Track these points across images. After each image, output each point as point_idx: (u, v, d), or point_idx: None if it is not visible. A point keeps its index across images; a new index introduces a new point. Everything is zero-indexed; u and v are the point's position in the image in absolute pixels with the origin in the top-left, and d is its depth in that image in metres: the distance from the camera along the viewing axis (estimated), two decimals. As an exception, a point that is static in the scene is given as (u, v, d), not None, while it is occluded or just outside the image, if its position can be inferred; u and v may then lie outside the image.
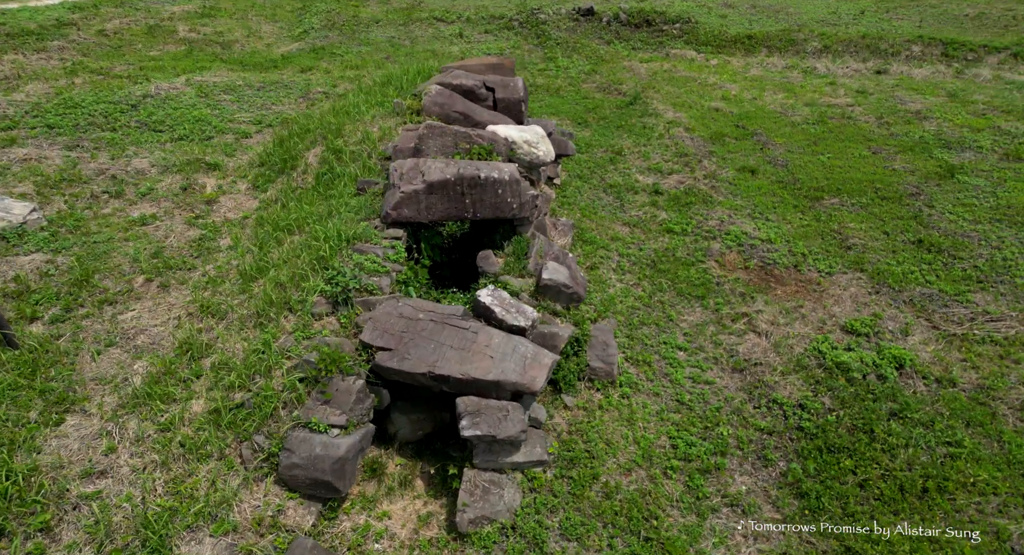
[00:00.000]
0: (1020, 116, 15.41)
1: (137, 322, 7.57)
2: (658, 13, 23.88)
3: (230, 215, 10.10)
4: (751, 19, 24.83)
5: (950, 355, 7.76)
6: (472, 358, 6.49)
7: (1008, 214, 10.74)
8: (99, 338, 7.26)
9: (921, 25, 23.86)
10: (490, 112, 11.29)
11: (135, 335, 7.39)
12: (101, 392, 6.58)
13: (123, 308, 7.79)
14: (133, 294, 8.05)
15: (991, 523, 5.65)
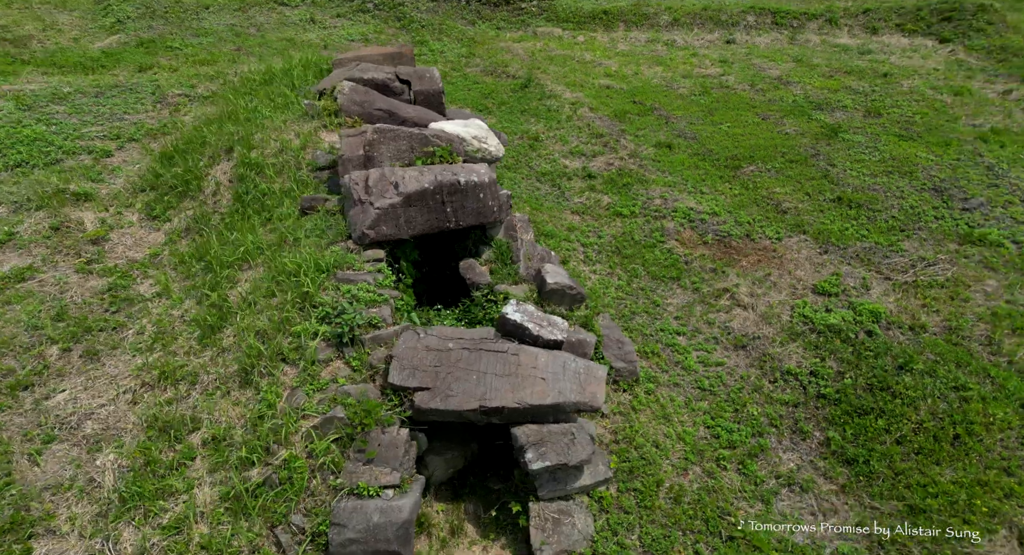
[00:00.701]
0: (860, 76, 17.35)
1: (74, 405, 6.00)
2: (514, -10, 23.63)
3: (133, 255, 8.37)
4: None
5: (910, 303, 8.51)
6: (523, 383, 5.91)
7: (895, 166, 12.02)
8: (30, 435, 5.65)
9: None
10: (413, 107, 10.39)
11: (79, 422, 5.86)
12: (66, 502, 5.13)
13: (46, 391, 6.14)
14: (52, 371, 6.36)
15: (1021, 456, 6.29)
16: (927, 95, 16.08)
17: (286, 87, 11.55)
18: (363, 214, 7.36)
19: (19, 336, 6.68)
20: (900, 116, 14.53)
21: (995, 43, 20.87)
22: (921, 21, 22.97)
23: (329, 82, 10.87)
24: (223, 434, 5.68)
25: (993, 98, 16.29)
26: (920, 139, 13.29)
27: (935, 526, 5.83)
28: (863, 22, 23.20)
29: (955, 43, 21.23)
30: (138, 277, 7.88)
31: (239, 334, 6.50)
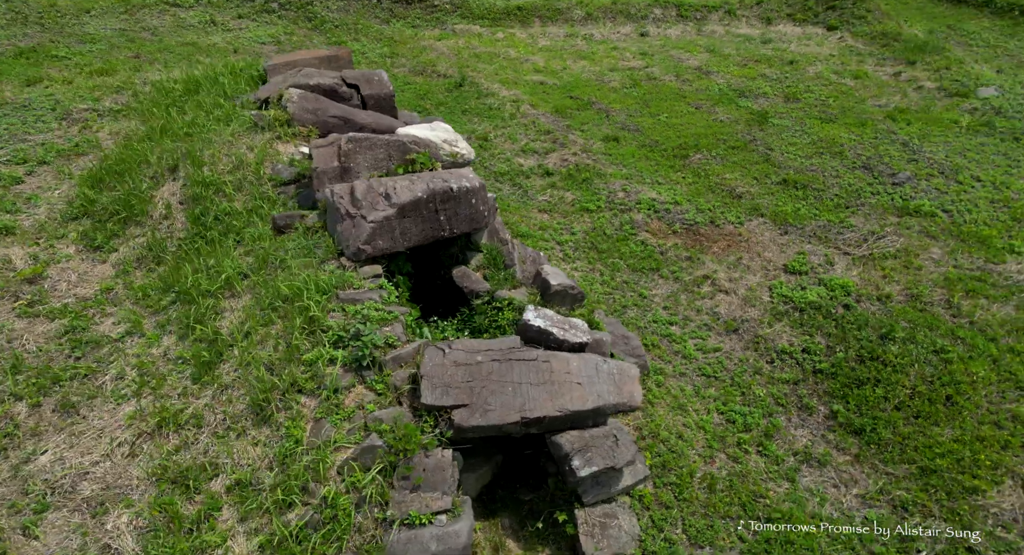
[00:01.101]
0: (769, 63, 18.39)
1: (62, 467, 5.30)
2: (425, -12, 23.18)
3: (80, 292, 7.47)
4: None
5: (872, 275, 9.11)
6: (560, 390, 5.79)
7: (824, 147, 12.83)
8: (18, 506, 4.93)
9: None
10: (367, 113, 9.94)
11: (73, 485, 5.18)
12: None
13: (23, 454, 5.37)
14: (25, 431, 5.57)
15: (1007, 409, 6.87)
16: (832, 80, 17.28)
17: (218, 96, 10.70)
18: (355, 228, 6.93)
19: (-30, 397, 5.79)
20: (815, 100, 15.52)
21: (876, 29, 22.75)
22: (809, 11, 24.63)
23: (271, 90, 10.17)
24: (248, 478, 5.18)
25: (887, 80, 17.75)
26: (838, 120, 14.26)
27: (947, 484, 6.27)
28: (758, 13, 24.58)
29: (842, 30, 22.94)
30: (95, 316, 7.04)
31: (242, 368, 5.95)
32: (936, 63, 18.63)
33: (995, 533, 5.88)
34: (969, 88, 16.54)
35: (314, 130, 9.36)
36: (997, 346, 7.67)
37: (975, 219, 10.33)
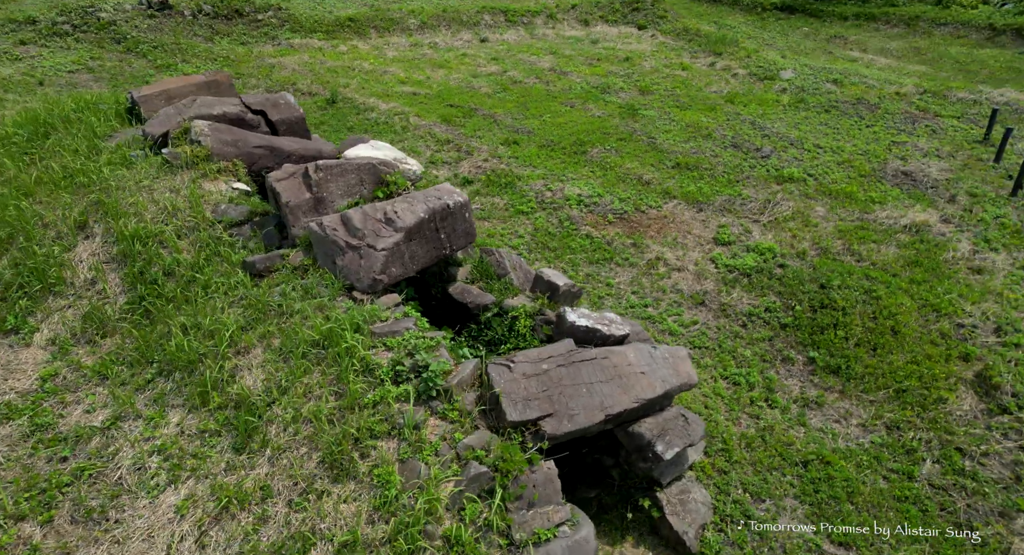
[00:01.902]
0: (609, 61, 19.94)
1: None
2: (247, 1, 21.57)
3: (17, 385, 6.08)
4: (316, 1, 24.44)
5: (783, 236, 10.44)
6: (629, 382, 5.95)
7: (694, 131, 14.32)
8: None
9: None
10: (289, 139, 9.21)
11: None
12: None
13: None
14: (52, 551, 4.50)
15: (934, 329, 8.34)
16: (667, 72, 19.22)
17: (88, 138, 9.16)
18: (364, 259, 6.43)
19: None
20: (665, 91, 17.18)
21: (678, 26, 25.63)
22: (617, 12, 27.02)
23: (166, 123, 8.93)
24: (356, 538, 4.68)
25: (707, 70, 20.16)
26: (692, 107, 15.95)
27: (918, 399, 7.51)
28: (576, 15, 26.40)
29: (651, 28, 25.51)
30: (54, 408, 5.77)
31: (295, 425, 5.31)
32: (738, 53, 21.53)
33: (968, 432, 7.19)
34: (773, 72, 19.39)
35: (240, 164, 8.44)
36: (900, 278, 9.26)
37: (835, 180, 12.27)
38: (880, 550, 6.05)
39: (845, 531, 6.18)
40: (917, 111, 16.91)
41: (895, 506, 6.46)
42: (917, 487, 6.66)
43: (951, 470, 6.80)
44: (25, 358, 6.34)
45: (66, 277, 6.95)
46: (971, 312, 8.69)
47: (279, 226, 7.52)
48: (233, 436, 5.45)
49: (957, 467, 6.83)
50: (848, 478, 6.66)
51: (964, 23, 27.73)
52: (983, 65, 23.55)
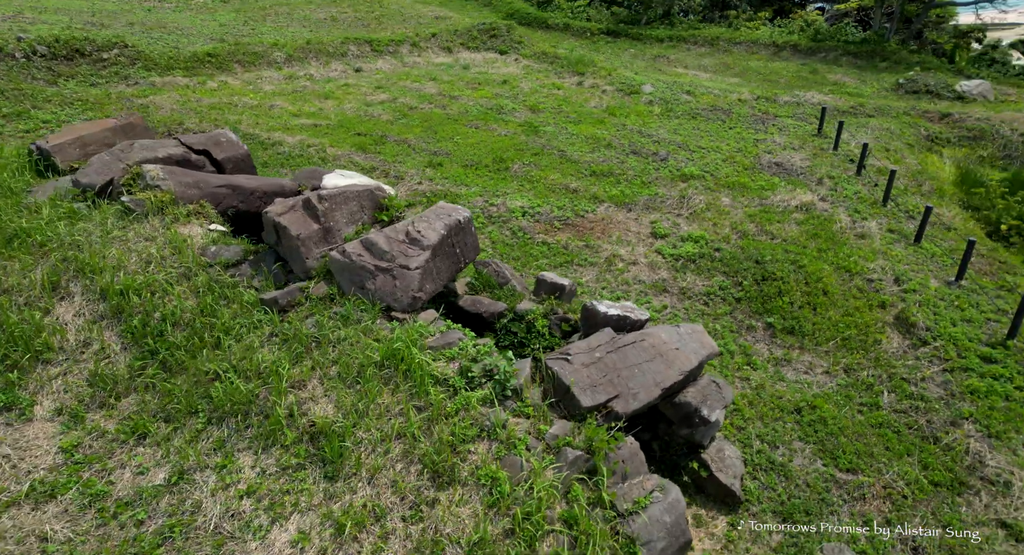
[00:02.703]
0: (490, 84, 20.86)
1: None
2: (87, 40, 19.70)
3: (38, 462, 5.40)
4: (156, 38, 22.95)
5: (706, 226, 11.77)
6: (669, 358, 6.59)
7: (594, 143, 15.53)
8: None
9: (314, 29, 27.25)
10: (247, 177, 8.93)
11: None
12: None
13: None
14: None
15: (853, 286, 9.91)
16: (545, 92, 20.52)
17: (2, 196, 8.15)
18: (398, 280, 6.48)
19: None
20: (552, 108, 18.38)
21: (536, 51, 27.32)
22: (476, 39, 28.19)
23: (104, 172, 8.18)
24: (484, 536, 4.83)
25: (578, 88, 21.80)
26: (583, 122, 17.25)
27: (860, 345, 8.94)
28: (438, 43, 27.17)
29: (512, 53, 26.93)
30: (96, 477, 5.21)
31: (386, 443, 5.31)
32: (599, 72, 23.49)
33: (904, 364, 8.71)
34: (636, 88, 21.44)
35: (207, 205, 8.01)
36: (810, 249, 10.89)
37: (726, 174, 13.99)
38: (880, 469, 7.20)
39: (849, 459, 7.27)
40: (761, 114, 19.64)
41: (875, 432, 7.70)
42: (885, 414, 7.97)
43: (904, 396, 8.23)
44: (33, 434, 5.60)
45: (53, 343, 6.20)
46: (872, 269, 10.46)
47: (278, 261, 7.27)
48: (320, 466, 5.30)
49: (907, 392, 8.27)
50: (834, 416, 7.81)
51: (754, 42, 32.37)
52: (779, 75, 27.70)
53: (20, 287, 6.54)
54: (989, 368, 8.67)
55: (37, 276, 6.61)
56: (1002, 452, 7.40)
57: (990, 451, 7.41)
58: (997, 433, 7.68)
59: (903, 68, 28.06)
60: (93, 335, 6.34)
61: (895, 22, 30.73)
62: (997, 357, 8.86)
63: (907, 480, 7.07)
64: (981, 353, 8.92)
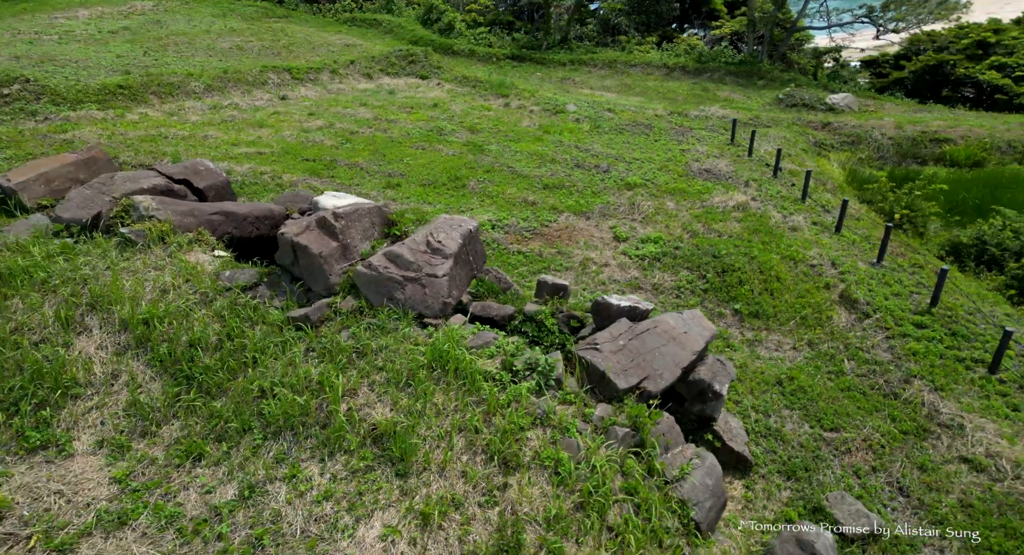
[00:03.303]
0: (424, 108, 21.24)
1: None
2: (-14, 75, 18.37)
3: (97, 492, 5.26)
4: (51, 71, 21.73)
5: (659, 228, 12.70)
6: (681, 340, 7.23)
7: (539, 159, 16.27)
8: None
9: (223, 58, 26.64)
10: (236, 203, 9.00)
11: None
12: None
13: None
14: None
15: (799, 272, 11.05)
16: (477, 113, 21.16)
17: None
18: (427, 288, 6.75)
19: None
20: (489, 129, 19.01)
21: (457, 75, 28.01)
22: (395, 65, 28.52)
23: (87, 207, 7.98)
24: (558, 511, 5.23)
25: (507, 109, 22.61)
26: (522, 140, 18.00)
27: (816, 322, 10.03)
28: (358, 70, 27.28)
29: (434, 78, 27.46)
30: (164, 500, 5.14)
31: (452, 434, 5.60)
32: (522, 94, 24.46)
33: (855, 335, 9.86)
34: (561, 107, 22.53)
35: (205, 233, 7.93)
36: (755, 243, 12.04)
37: (665, 181, 15.11)
38: (858, 426, 8.17)
39: (831, 420, 8.20)
40: (678, 127, 21.21)
41: (845, 395, 8.71)
42: (849, 379, 9.02)
43: (861, 362, 9.33)
44: (79, 468, 5.41)
45: (80, 378, 5.99)
46: (812, 256, 11.73)
47: (294, 280, 7.34)
48: (389, 466, 5.50)
49: (863, 359, 9.38)
50: (810, 385, 8.75)
51: (647, 64, 34.77)
52: (676, 93, 29.93)
53: (31, 324, 6.27)
54: (922, 332, 9.99)
55: (48, 312, 6.35)
56: (950, 400, 8.59)
57: (941, 401, 8.57)
58: (942, 386, 8.89)
59: (778, 85, 31.06)
60: (121, 366, 6.17)
61: (765, 45, 33.98)
62: (926, 323, 10.21)
63: (881, 432, 8.06)
64: (913, 320, 10.25)
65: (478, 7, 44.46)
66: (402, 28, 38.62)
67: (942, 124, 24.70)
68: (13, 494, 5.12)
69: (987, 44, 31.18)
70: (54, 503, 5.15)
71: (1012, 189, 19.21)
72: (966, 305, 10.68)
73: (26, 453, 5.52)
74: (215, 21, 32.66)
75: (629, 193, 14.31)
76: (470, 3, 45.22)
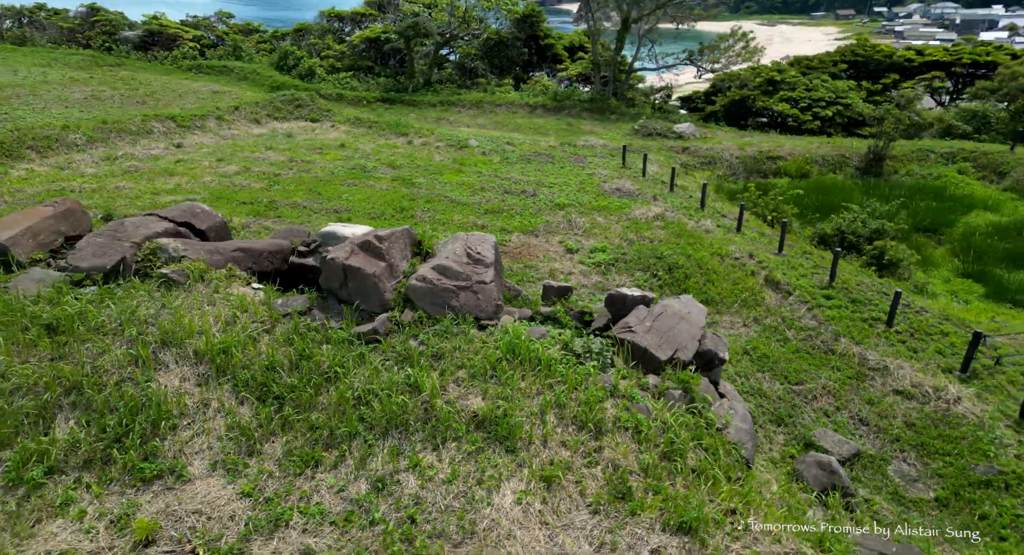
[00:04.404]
0: (334, 148, 21.49)
1: None
2: None
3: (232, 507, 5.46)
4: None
5: (599, 238, 14.18)
6: (688, 320, 8.53)
7: (470, 188, 17.28)
8: None
9: (83, 109, 25.11)
10: (250, 242, 9.16)
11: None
12: None
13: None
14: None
15: (727, 262, 12.94)
16: (388, 152, 21.80)
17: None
18: (479, 294, 7.49)
19: None
20: (407, 164, 19.75)
21: (349, 117, 28.38)
22: (282, 110, 28.35)
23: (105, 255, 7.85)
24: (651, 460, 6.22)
25: (414, 146, 23.42)
26: (445, 173, 18.94)
27: (753, 303, 11.89)
28: (244, 116, 26.81)
29: (325, 121, 27.63)
30: (304, 503, 5.45)
31: (539, 416, 6.43)
32: (422, 132, 25.44)
33: (786, 309, 11.82)
34: (463, 142, 23.78)
35: (234, 268, 8.06)
36: (684, 243, 13.89)
37: (588, 200, 16.76)
38: (815, 378, 9.94)
39: (795, 377, 9.90)
40: (574, 155, 23.26)
41: (797, 356, 10.51)
42: (795, 343, 10.87)
43: (799, 330, 11.26)
44: (203, 490, 5.53)
45: (175, 409, 6.04)
46: (732, 251, 13.76)
47: (342, 302, 7.73)
48: (498, 445, 6.17)
49: (799, 327, 11.32)
50: (769, 352, 10.46)
51: (511, 103, 37.29)
52: (546, 128, 32.43)
53: (105, 366, 6.19)
54: (831, 302, 12.19)
55: (120, 353, 6.30)
56: (871, 350, 10.68)
57: (865, 351, 10.63)
58: (860, 340, 10.99)
59: (628, 118, 34.77)
60: (209, 395, 6.28)
61: (610, 84, 38.02)
62: (832, 295, 12.46)
63: (833, 380, 9.89)
64: (822, 294, 12.46)
65: (334, 53, 44.85)
66: (258, 74, 38.01)
67: (771, 145, 29.16)
68: (154, 519, 5.18)
69: (775, 81, 37.51)
70: (196, 521, 5.26)
71: (834, 193, 23.38)
72: (854, 279, 13.15)
73: (143, 483, 5.52)
74: (46, 71, 30.31)
75: (562, 212, 15.73)
76: (324, 50, 45.49)
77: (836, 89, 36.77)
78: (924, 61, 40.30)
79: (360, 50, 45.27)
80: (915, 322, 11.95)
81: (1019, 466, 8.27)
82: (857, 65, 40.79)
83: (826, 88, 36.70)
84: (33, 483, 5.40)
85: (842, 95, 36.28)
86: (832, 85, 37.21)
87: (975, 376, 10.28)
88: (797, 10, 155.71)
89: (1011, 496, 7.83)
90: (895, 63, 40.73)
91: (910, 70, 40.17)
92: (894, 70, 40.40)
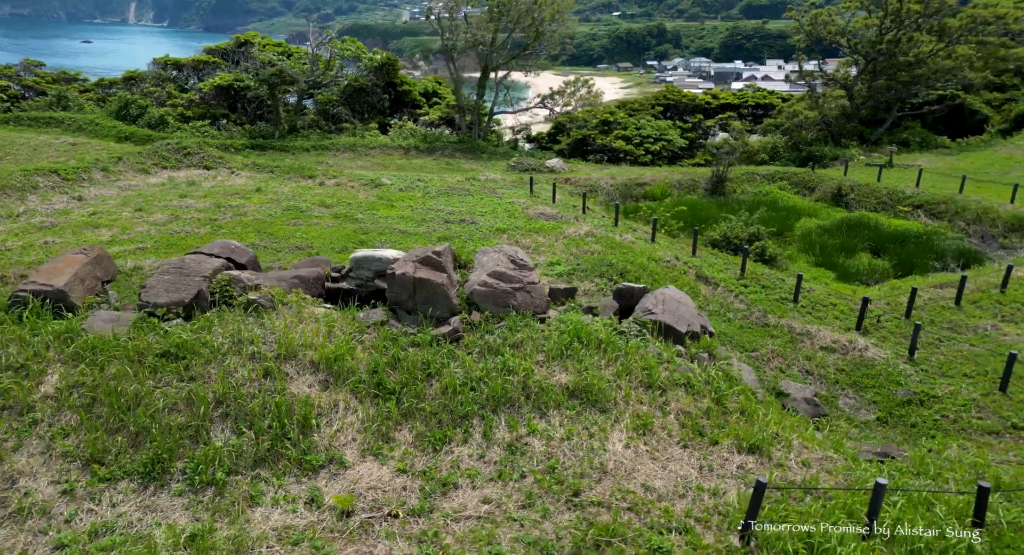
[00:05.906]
0: (253, 193, 21.43)
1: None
2: None
3: (395, 482, 6.38)
4: None
5: (548, 254, 15.91)
6: (683, 302, 10.47)
7: (412, 219, 18.31)
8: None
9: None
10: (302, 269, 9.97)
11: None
12: None
13: None
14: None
15: (663, 265, 15.20)
16: (309, 193, 22.13)
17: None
18: (533, 293, 8.84)
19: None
20: (338, 202, 20.31)
21: (247, 162, 28.00)
22: (169, 159, 27.40)
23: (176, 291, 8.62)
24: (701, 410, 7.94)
25: (329, 188, 23.86)
26: (379, 208, 19.78)
27: (693, 296, 14.19)
28: (130, 166, 25.68)
29: (220, 168, 27.08)
30: (452, 469, 6.48)
31: (616, 380, 7.93)
32: (328, 173, 25.89)
33: (723, 296, 14.25)
34: (378, 181, 24.64)
35: (299, 292, 8.75)
36: (619, 253, 16.03)
37: (522, 224, 18.49)
38: (764, 345, 12.25)
39: (751, 345, 12.16)
40: (484, 188, 25.00)
41: (745, 331, 12.83)
42: (740, 321, 13.22)
43: (736, 311, 13.66)
44: (365, 471, 6.50)
45: (312, 410, 6.76)
46: (661, 255, 16.11)
47: (408, 312, 8.68)
48: (591, 408, 7.59)
49: (736, 309, 13.74)
50: (725, 331, 12.68)
51: (384, 146, 37.93)
52: (429, 168, 33.59)
53: (241, 381, 6.74)
54: (749, 289, 14.85)
55: (245, 371, 6.88)
56: (796, 320, 13.30)
57: (790, 322, 13.23)
58: (781, 315, 13.62)
59: (499, 156, 37.41)
60: (336, 396, 7.03)
61: (476, 127, 40.87)
62: (746, 284, 15.15)
63: (776, 345, 12.28)
64: (740, 284, 15.11)
65: (182, 102, 42.94)
66: (98, 125, 35.37)
67: (635, 174, 33.12)
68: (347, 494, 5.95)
69: (609, 122, 43.04)
70: (378, 494, 6.09)
71: (698, 209, 27.20)
72: (755, 271, 16.01)
73: (312, 472, 6.27)
74: None
75: (505, 235, 17.30)
76: (167, 99, 43.21)
77: (659, 127, 42.83)
78: (720, 103, 48.17)
79: (210, 98, 43.83)
80: (811, 297, 14.92)
81: (923, 387, 11.03)
82: (669, 107, 47.62)
83: (652, 127, 42.64)
84: (222, 483, 5.90)
85: (664, 132, 42.32)
86: (656, 124, 43.26)
87: (867, 332, 13.24)
88: (584, 62, 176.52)
89: (926, 408, 10.49)
90: (698, 105, 48.32)
91: (710, 111, 47.74)
92: (698, 111, 47.88)
